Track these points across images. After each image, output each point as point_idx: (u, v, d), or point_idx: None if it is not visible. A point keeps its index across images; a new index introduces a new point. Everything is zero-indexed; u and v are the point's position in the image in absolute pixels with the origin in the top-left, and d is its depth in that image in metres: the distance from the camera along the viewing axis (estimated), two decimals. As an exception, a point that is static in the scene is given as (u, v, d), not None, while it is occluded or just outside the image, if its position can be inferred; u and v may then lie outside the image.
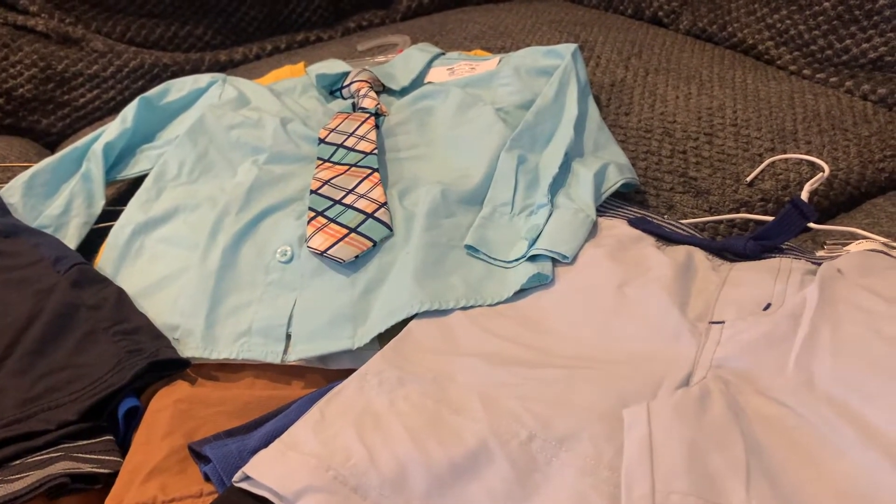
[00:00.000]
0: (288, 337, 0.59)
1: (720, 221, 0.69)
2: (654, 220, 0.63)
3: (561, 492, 0.40)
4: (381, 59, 0.98)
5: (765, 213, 0.71)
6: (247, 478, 0.44)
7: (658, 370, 0.46)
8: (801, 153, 0.75)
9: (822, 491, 0.39)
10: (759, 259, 0.57)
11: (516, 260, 0.61)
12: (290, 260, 0.64)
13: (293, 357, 0.58)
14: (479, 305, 0.57)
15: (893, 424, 0.40)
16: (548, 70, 0.82)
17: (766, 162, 0.72)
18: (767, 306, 0.49)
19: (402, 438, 0.43)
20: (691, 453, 0.39)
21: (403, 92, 0.86)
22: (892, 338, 0.43)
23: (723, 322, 0.49)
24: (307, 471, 0.42)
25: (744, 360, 0.45)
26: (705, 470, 0.39)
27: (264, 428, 0.50)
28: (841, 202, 0.75)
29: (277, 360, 0.58)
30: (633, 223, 0.62)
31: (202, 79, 0.87)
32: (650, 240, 0.60)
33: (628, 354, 0.49)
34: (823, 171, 0.70)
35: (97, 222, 0.76)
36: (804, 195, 0.67)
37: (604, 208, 0.66)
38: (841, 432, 0.40)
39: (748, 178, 0.73)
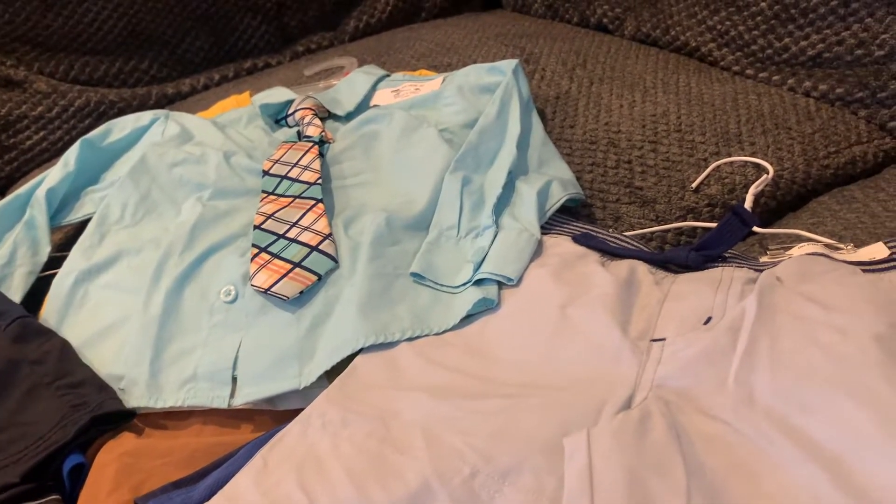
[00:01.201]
0: (234, 380, 0.58)
1: (667, 230, 0.69)
2: (599, 236, 0.63)
3: (504, 528, 0.40)
4: (328, 83, 0.97)
5: (712, 219, 0.71)
6: (189, 533, 0.43)
7: (600, 393, 0.46)
8: (745, 155, 0.75)
9: (763, 509, 0.38)
10: (703, 269, 0.57)
11: (463, 285, 0.61)
12: (235, 300, 0.63)
13: (240, 401, 0.57)
14: (425, 335, 0.56)
15: (831, 437, 0.39)
16: (491, 87, 0.82)
17: (711, 167, 0.73)
18: (708, 320, 0.49)
19: (344, 483, 0.43)
20: (631, 480, 0.39)
21: (349, 117, 0.85)
22: (827, 346, 0.43)
23: (664, 339, 0.48)
24: None
25: (684, 378, 0.45)
26: (645, 495, 0.38)
27: (210, 478, 0.49)
28: (788, 202, 0.75)
29: (224, 405, 0.57)
30: (578, 240, 0.62)
31: (144, 116, 0.86)
32: (594, 256, 0.59)
33: (571, 378, 0.48)
34: (768, 173, 0.70)
35: (44, 269, 0.74)
36: (748, 199, 0.67)
37: (549, 225, 0.66)
38: (780, 447, 0.40)
39: (693, 185, 0.73)
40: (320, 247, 0.64)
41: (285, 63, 1.18)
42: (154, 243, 0.70)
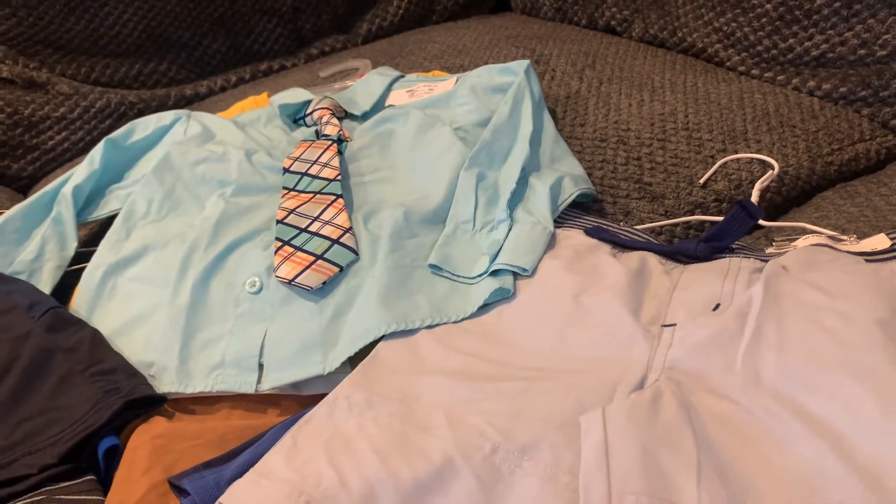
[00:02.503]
0: (261, 367, 0.61)
1: (676, 224, 0.72)
2: (610, 229, 0.65)
3: (524, 500, 0.42)
4: (343, 84, 1.00)
5: (719, 213, 0.73)
6: (224, 507, 0.45)
7: (613, 375, 0.48)
8: (751, 152, 0.77)
9: (771, 482, 0.40)
10: (711, 260, 0.59)
11: (479, 276, 0.63)
12: (260, 291, 0.65)
13: (266, 386, 0.59)
14: (444, 323, 0.59)
15: (835, 414, 0.41)
16: (503, 87, 0.84)
17: (718, 163, 0.75)
18: (717, 307, 0.51)
19: (371, 460, 0.45)
20: (645, 454, 0.41)
21: (365, 116, 0.88)
22: (832, 330, 0.45)
23: (674, 325, 0.51)
24: (280, 497, 0.43)
25: (694, 360, 0.47)
26: (658, 469, 0.41)
27: (240, 458, 0.52)
28: (793, 197, 0.77)
29: (251, 390, 0.60)
30: (590, 233, 0.64)
31: (166, 116, 0.89)
32: (606, 248, 0.62)
33: (585, 362, 0.50)
34: (773, 169, 0.72)
35: (71, 264, 0.77)
36: (755, 194, 0.69)
37: (561, 219, 0.68)
38: (787, 425, 0.42)
39: (701, 181, 0.75)
40: (341, 240, 0.66)
41: (300, 65, 1.20)
42: (180, 238, 0.72)
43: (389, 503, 0.42)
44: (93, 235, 0.84)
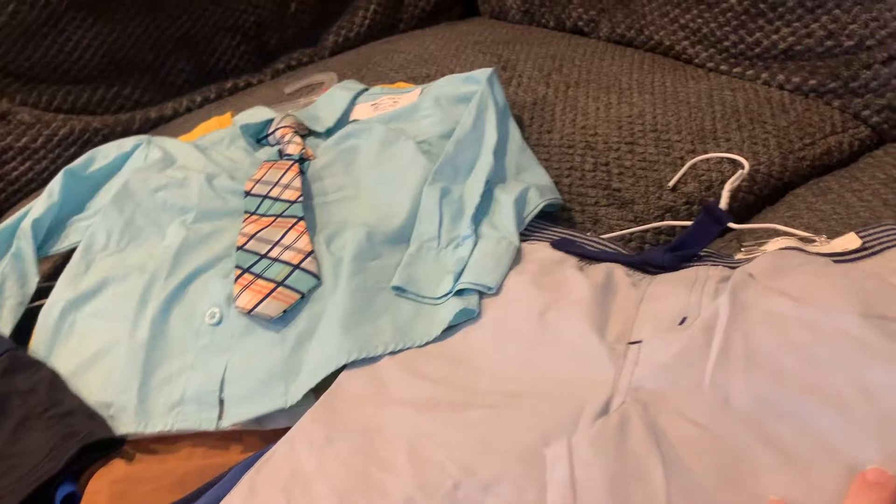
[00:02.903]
0: (222, 402, 0.59)
1: (646, 231, 0.70)
2: (577, 240, 0.64)
3: (487, 538, 0.40)
4: (308, 99, 0.98)
5: (690, 217, 0.72)
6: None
7: (579, 398, 0.46)
8: (721, 152, 0.76)
9: (740, 509, 0.39)
10: (679, 269, 0.57)
11: (444, 296, 0.61)
12: (220, 322, 0.63)
13: (227, 422, 0.58)
14: (409, 347, 0.57)
15: (802, 446, 0.40)
16: (467, 97, 0.83)
17: (687, 165, 0.73)
18: (683, 320, 0.49)
19: (330, 502, 0.43)
20: (612, 488, 0.39)
21: (329, 133, 0.86)
22: (799, 345, 0.43)
23: (640, 341, 0.49)
24: None
25: (661, 379, 0.46)
26: (626, 502, 0.39)
27: (199, 502, 0.50)
28: (766, 195, 0.76)
29: (212, 428, 0.58)
30: (556, 245, 0.63)
31: (126, 143, 0.87)
32: (572, 261, 0.60)
33: (551, 385, 0.49)
34: (743, 168, 0.71)
35: (34, 300, 0.75)
36: (724, 196, 0.68)
37: (528, 232, 0.67)
38: (755, 453, 0.41)
39: (670, 184, 0.73)
40: (302, 265, 0.65)
41: (267, 81, 1.19)
42: (139, 269, 0.70)
43: (348, 546, 0.41)
44: (56, 269, 0.82)
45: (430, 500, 0.42)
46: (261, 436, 0.58)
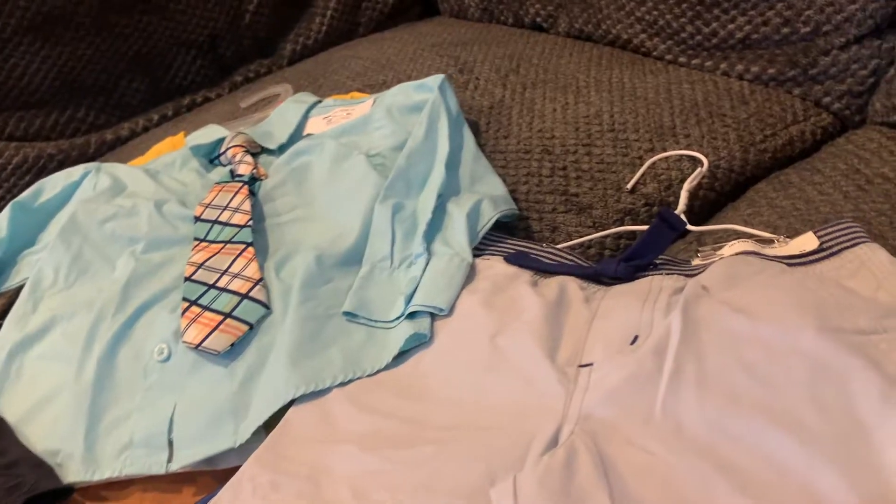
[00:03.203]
0: (171, 443, 0.57)
1: (605, 237, 0.68)
2: (532, 253, 0.62)
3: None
4: (264, 113, 0.96)
5: (650, 218, 0.70)
6: None
7: (528, 430, 0.45)
8: (680, 148, 0.74)
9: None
10: (635, 280, 0.55)
11: (397, 319, 0.60)
12: (168, 358, 0.61)
13: (177, 465, 0.56)
14: (359, 377, 0.55)
15: (757, 470, 0.38)
16: (420, 106, 0.81)
17: (645, 165, 0.71)
18: (635, 339, 0.48)
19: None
20: None
21: (283, 149, 0.84)
22: (752, 366, 0.42)
23: (592, 364, 0.47)
24: None
25: (611, 406, 0.44)
26: None
27: (146, 553, 0.48)
28: (728, 191, 0.74)
29: (162, 471, 0.56)
30: (510, 260, 0.61)
31: (75, 172, 0.84)
32: (526, 276, 0.58)
33: (500, 415, 0.47)
34: (702, 166, 0.69)
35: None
36: (682, 197, 0.66)
37: (483, 245, 0.65)
38: (711, 481, 0.39)
39: (629, 185, 0.71)
40: (251, 294, 0.63)
41: (225, 95, 1.16)
42: (87, 306, 0.68)
43: None
44: (11, 305, 0.80)
45: None
46: (213, 476, 0.57)
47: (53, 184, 0.84)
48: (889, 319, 0.44)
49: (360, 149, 0.77)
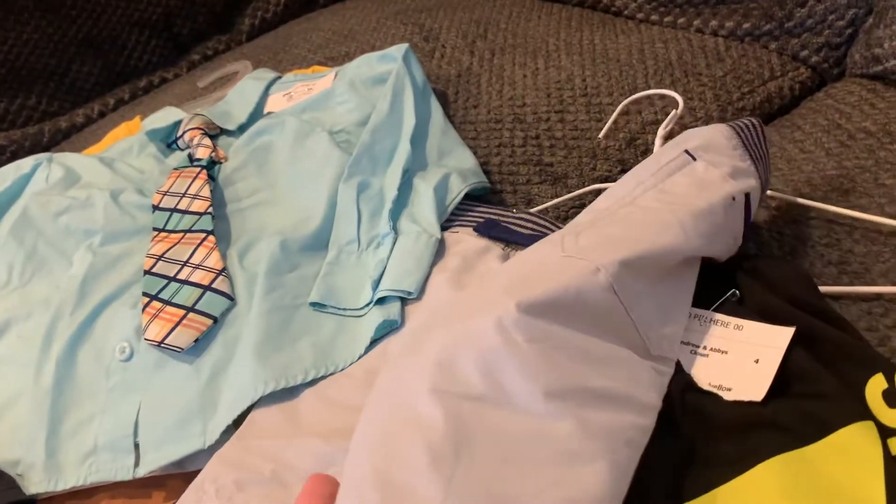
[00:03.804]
0: (137, 446, 0.54)
1: (579, 198, 0.65)
2: (503, 221, 0.59)
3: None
4: (223, 92, 0.92)
5: (627, 185, 0.67)
6: None
7: None
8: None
9: None
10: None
11: (367, 305, 0.57)
12: (131, 357, 0.58)
13: (144, 470, 0.53)
14: (331, 373, 0.52)
15: None
16: (384, 77, 0.77)
17: (618, 109, 0.68)
18: None
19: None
20: None
21: (243, 129, 0.80)
22: None
23: None
24: None
25: None
26: None
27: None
28: (706, 153, 0.71)
29: (129, 477, 0.53)
30: (480, 230, 0.58)
31: (25, 164, 0.80)
32: (496, 250, 0.56)
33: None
34: (677, 108, 0.66)
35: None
36: (657, 141, 0.63)
37: (453, 215, 0.62)
38: None
39: (601, 134, 0.68)
40: (213, 285, 0.60)
41: (183, 75, 1.11)
42: (44, 305, 0.65)
43: None
44: (-34, 306, 0.76)
45: None
46: (184, 478, 0.54)
47: (3, 177, 0.80)
48: None
49: (322, 125, 0.74)
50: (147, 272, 0.63)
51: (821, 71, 0.77)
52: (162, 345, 0.56)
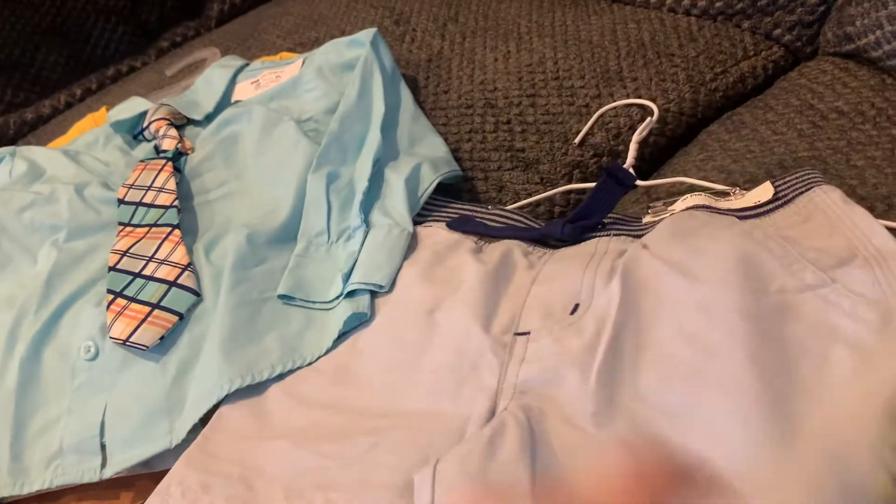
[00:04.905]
0: (104, 447, 0.53)
1: (554, 194, 0.64)
2: (477, 216, 0.58)
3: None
4: (191, 81, 0.90)
5: (599, 170, 0.67)
6: None
7: (464, 410, 0.42)
8: (628, 93, 0.70)
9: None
10: (582, 240, 0.52)
11: (336, 298, 0.56)
12: (96, 356, 0.57)
13: (111, 471, 0.52)
14: (298, 367, 0.52)
15: (695, 442, 0.36)
16: (353, 63, 0.76)
17: (592, 119, 0.67)
18: (575, 308, 0.45)
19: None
20: None
21: (210, 119, 0.79)
22: (692, 336, 0.39)
23: (528, 333, 0.44)
24: None
25: (547, 381, 0.41)
26: None
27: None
28: (680, 135, 0.71)
29: (96, 478, 0.52)
30: (453, 226, 0.57)
31: (-12, 158, 0.79)
32: (468, 243, 0.55)
33: (436, 398, 0.44)
34: (652, 115, 0.65)
35: None
36: (631, 149, 0.62)
37: (426, 211, 0.61)
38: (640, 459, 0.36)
39: (577, 140, 0.68)
40: (179, 281, 0.58)
41: (151, 63, 1.09)
42: (8, 303, 0.63)
43: None
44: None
45: None
46: (152, 478, 0.53)
47: (-34, 172, 0.78)
48: (839, 270, 0.41)
49: (290, 114, 0.72)
50: (111, 268, 0.61)
51: (794, 49, 0.76)
52: (127, 343, 0.55)
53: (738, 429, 0.35)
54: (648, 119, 0.63)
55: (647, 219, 0.54)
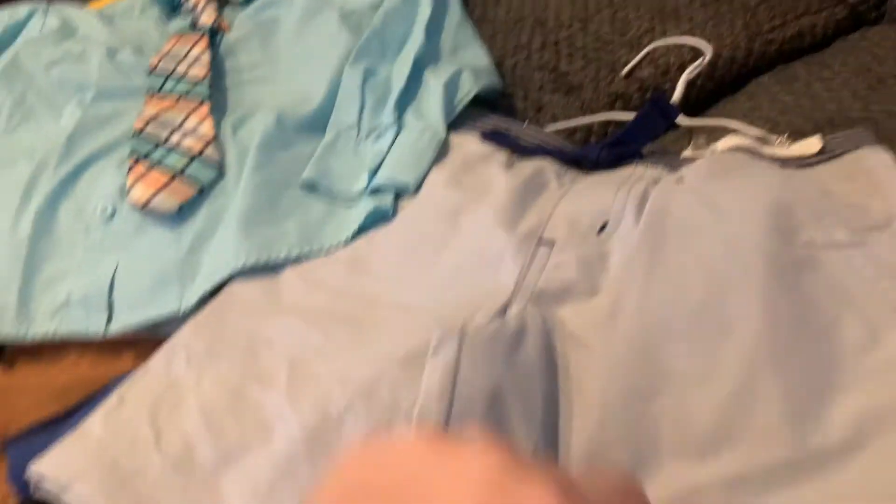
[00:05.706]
0: (111, 305, 0.54)
1: (592, 123, 0.63)
2: (511, 132, 0.57)
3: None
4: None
5: (643, 104, 0.65)
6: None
7: (476, 302, 0.41)
8: (682, 31, 0.68)
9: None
10: (617, 168, 0.51)
11: (360, 193, 0.55)
12: (112, 216, 0.57)
13: (116, 327, 0.52)
14: (314, 254, 0.51)
15: (686, 370, 0.36)
16: (405, -41, 0.73)
17: (644, 52, 0.65)
18: (603, 227, 0.44)
19: (195, 419, 0.39)
20: (493, 396, 0.35)
21: (250, 1, 0.76)
22: (709, 264, 0.39)
23: (552, 244, 0.43)
24: (83, 458, 0.39)
25: (565, 299, 0.41)
26: (501, 416, 0.35)
27: (77, 416, 0.46)
28: (728, 82, 0.68)
29: (101, 332, 0.52)
30: (486, 137, 0.56)
31: (19, 11, 0.77)
32: (500, 157, 0.54)
33: (451, 292, 0.44)
34: (704, 56, 0.63)
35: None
36: (679, 86, 0.60)
37: (459, 120, 0.60)
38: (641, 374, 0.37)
39: (624, 72, 0.66)
40: (203, 154, 0.58)
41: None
42: (28, 155, 0.63)
43: (208, 465, 0.37)
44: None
45: (301, 415, 0.38)
46: (156, 342, 0.53)
47: (-4, 21, 0.77)
48: (872, 233, 0.40)
49: (333, 4, 0.70)
50: (136, 133, 0.61)
51: (859, 12, 0.73)
52: (145, 208, 0.55)
53: (739, 372, 0.34)
54: (701, 58, 0.61)
55: (686, 153, 0.52)
